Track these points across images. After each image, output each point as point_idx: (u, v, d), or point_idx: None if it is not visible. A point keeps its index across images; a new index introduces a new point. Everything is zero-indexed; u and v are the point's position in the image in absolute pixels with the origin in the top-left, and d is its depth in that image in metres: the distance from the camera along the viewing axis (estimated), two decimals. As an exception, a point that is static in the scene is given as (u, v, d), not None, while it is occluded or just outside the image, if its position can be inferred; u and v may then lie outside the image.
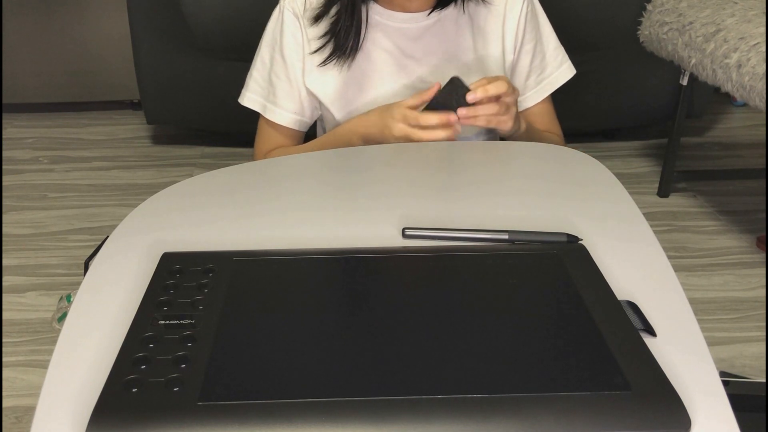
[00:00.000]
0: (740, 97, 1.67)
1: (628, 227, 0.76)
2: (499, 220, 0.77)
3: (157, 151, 2.52)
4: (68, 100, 2.79)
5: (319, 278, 0.64)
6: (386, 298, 0.62)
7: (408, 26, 1.09)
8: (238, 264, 0.65)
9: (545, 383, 0.50)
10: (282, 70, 1.12)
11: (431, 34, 1.09)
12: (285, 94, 1.14)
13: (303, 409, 0.48)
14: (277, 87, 1.14)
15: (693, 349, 0.57)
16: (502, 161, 0.93)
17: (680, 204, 2.16)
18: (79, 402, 0.51)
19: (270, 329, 0.57)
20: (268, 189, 0.85)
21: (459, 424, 0.47)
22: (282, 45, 1.11)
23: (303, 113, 1.16)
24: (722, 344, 1.57)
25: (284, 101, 1.15)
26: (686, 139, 2.44)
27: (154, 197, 0.83)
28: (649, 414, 0.48)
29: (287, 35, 1.10)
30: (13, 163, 2.44)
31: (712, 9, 1.80)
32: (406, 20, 1.08)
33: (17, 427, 1.37)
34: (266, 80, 1.15)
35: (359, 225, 0.77)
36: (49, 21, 2.64)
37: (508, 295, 0.62)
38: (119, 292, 0.64)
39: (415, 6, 1.07)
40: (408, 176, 0.88)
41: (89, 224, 2.07)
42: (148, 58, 2.30)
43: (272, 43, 1.13)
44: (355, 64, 1.09)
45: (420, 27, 1.09)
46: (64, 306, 1.63)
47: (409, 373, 0.51)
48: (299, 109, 1.16)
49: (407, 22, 1.08)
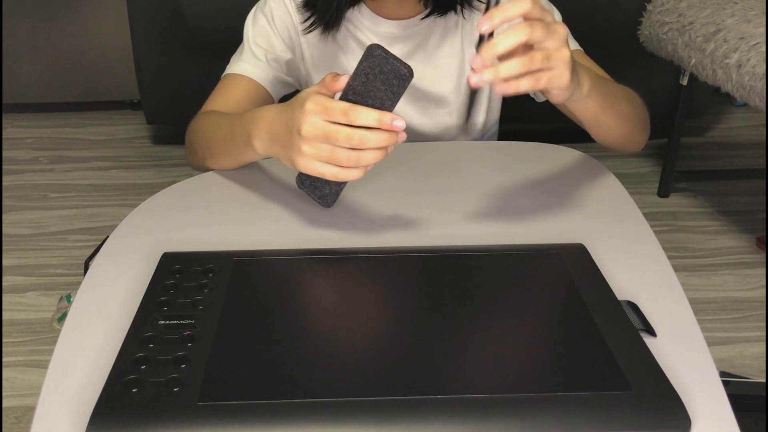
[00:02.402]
0: (740, 97, 1.67)
1: (628, 227, 0.76)
2: (499, 221, 0.77)
3: (157, 151, 2.52)
4: (68, 100, 2.79)
5: (319, 278, 0.64)
6: (386, 298, 0.62)
7: (395, 32, 1.01)
8: (238, 264, 0.65)
9: (545, 383, 0.50)
10: (263, 41, 1.01)
11: (417, 40, 1.02)
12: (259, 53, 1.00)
13: (303, 409, 0.48)
14: (254, 49, 1.00)
15: (693, 349, 0.57)
16: (502, 162, 0.93)
17: (680, 204, 2.16)
18: (79, 402, 0.51)
19: (270, 329, 0.56)
20: (269, 189, 0.85)
21: (459, 424, 0.47)
22: (272, 18, 1.01)
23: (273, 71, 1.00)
24: (722, 344, 1.57)
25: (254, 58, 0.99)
26: (686, 139, 2.44)
27: (154, 197, 0.83)
28: (649, 414, 0.48)
29: (276, 11, 1.01)
30: (13, 163, 2.44)
31: (712, 9, 1.80)
32: (394, 27, 1.01)
33: (17, 427, 1.37)
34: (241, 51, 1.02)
35: (359, 225, 0.77)
36: (49, 21, 2.63)
37: (508, 295, 0.62)
38: (119, 292, 0.64)
39: (405, 12, 1.00)
40: (407, 176, 0.87)
41: (89, 224, 2.07)
42: (148, 58, 2.30)
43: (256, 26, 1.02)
44: (335, 60, 1.04)
45: (408, 33, 1.01)
46: (64, 306, 1.64)
47: (409, 374, 0.51)
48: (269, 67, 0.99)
49: (395, 28, 1.01)
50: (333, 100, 0.67)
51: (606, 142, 0.91)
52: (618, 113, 0.85)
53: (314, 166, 0.69)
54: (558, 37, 0.65)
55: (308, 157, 0.68)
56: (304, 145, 0.68)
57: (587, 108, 0.79)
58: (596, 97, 0.78)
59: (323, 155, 0.68)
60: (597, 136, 0.90)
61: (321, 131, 0.66)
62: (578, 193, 0.84)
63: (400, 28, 1.00)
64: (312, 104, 0.67)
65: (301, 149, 0.68)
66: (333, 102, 0.67)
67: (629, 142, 0.92)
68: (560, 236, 0.72)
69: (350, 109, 0.65)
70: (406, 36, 1.01)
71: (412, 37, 1.01)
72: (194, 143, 0.92)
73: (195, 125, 0.95)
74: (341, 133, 0.66)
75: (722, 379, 0.53)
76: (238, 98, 0.97)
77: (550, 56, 0.65)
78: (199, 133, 0.92)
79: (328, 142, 0.67)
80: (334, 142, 0.66)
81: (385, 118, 0.65)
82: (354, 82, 0.66)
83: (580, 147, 0.96)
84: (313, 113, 0.67)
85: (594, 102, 0.78)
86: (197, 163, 0.93)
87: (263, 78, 0.99)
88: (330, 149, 0.67)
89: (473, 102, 1.04)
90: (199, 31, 2.17)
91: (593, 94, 0.77)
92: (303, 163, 0.69)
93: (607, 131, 0.88)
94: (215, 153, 0.88)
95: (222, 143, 0.86)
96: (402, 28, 1.00)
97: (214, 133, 0.89)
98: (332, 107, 0.66)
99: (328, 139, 0.66)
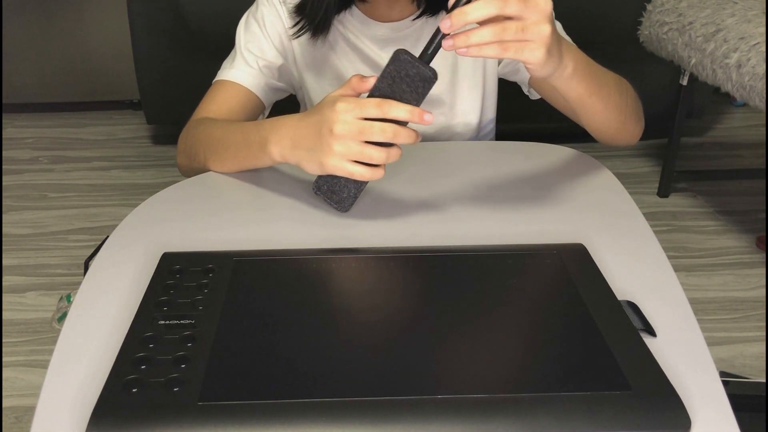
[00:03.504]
0: (740, 97, 1.67)
1: (628, 227, 0.76)
2: (499, 221, 0.77)
3: (157, 151, 2.52)
4: (68, 100, 2.79)
5: (319, 278, 0.64)
6: (386, 298, 0.62)
7: (387, 34, 1.00)
8: (238, 264, 0.65)
9: (545, 383, 0.50)
10: (255, 47, 1.00)
11: (409, 41, 1.00)
12: (251, 59, 0.99)
13: (302, 409, 0.48)
14: (246, 56, 1.00)
15: (693, 349, 0.57)
16: (502, 162, 0.93)
17: (680, 204, 2.16)
18: (79, 402, 0.51)
19: (270, 329, 0.57)
20: (269, 189, 0.85)
21: (459, 424, 0.47)
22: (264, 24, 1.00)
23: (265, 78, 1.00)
24: (722, 344, 1.57)
25: (246, 65, 0.99)
26: (686, 139, 2.44)
27: (154, 197, 0.83)
28: (649, 414, 0.48)
29: (267, 17, 1.00)
30: (13, 163, 2.44)
31: (712, 9, 1.80)
32: (385, 30, 1.00)
33: (17, 427, 1.37)
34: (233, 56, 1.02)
35: (359, 225, 0.77)
36: (49, 21, 2.64)
37: (508, 295, 0.62)
38: (119, 292, 0.64)
39: (396, 14, 0.99)
40: (407, 177, 0.87)
41: (89, 224, 2.07)
42: (148, 58, 2.30)
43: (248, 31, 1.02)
44: (327, 63, 1.03)
45: (400, 35, 1.00)
46: (64, 306, 1.63)
47: (409, 373, 0.51)
48: (261, 74, 0.99)
49: (387, 30, 1.00)
50: (363, 98, 0.70)
51: (597, 131, 0.90)
52: (606, 100, 0.84)
53: (344, 165, 0.71)
54: (538, 12, 0.65)
55: (339, 156, 0.71)
56: (335, 144, 0.70)
57: (572, 89, 0.78)
58: (582, 79, 0.77)
59: (354, 153, 0.70)
60: (586, 123, 0.89)
61: (355, 128, 0.69)
62: (578, 193, 0.84)
63: (392, 30, 1.00)
64: (344, 103, 0.69)
65: (333, 148, 0.70)
66: (364, 99, 0.70)
67: (621, 132, 0.90)
68: (560, 236, 0.72)
69: (383, 102, 0.69)
70: (398, 38, 1.01)
71: (404, 39, 1.01)
72: (194, 147, 0.92)
73: (195, 131, 0.94)
74: (375, 127, 0.69)
75: (722, 379, 0.53)
76: (231, 106, 0.98)
77: (527, 29, 0.65)
78: (202, 137, 0.91)
79: (362, 137, 0.69)
80: (368, 136, 0.69)
81: (416, 111, 0.69)
82: (381, 84, 0.69)
83: (580, 147, 0.96)
84: (345, 111, 0.69)
85: (579, 84, 0.77)
86: (196, 166, 0.92)
87: (255, 86, 0.99)
88: (361, 147, 0.70)
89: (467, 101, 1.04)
90: (200, 32, 2.17)
91: (578, 76, 0.76)
92: (333, 163, 0.71)
93: (596, 118, 0.86)
94: (224, 157, 0.88)
95: (233, 148, 0.87)
96: (394, 30, 1.00)
97: (223, 138, 0.89)
98: (365, 102, 0.69)
99: (362, 134, 0.69)
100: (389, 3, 0.98)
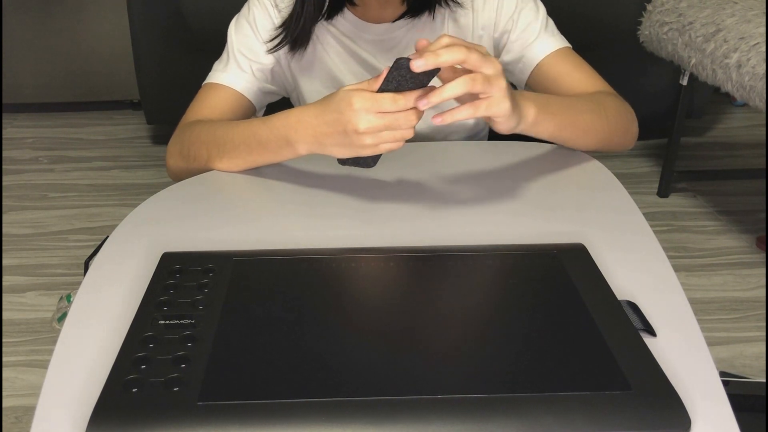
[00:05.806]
0: (740, 97, 1.67)
1: (628, 227, 0.76)
2: (499, 221, 0.77)
3: (157, 151, 2.52)
4: (68, 100, 2.79)
5: (318, 278, 0.64)
6: (386, 297, 0.62)
7: (380, 36, 1.01)
8: (238, 264, 0.65)
9: (545, 383, 0.50)
10: (248, 50, 1.00)
11: (403, 42, 1.01)
12: (244, 63, 0.99)
13: (302, 409, 0.48)
14: (239, 59, 1.00)
15: (693, 349, 0.57)
16: (502, 161, 0.93)
17: (680, 204, 2.16)
18: (79, 402, 0.51)
19: (269, 329, 0.57)
20: (269, 189, 0.85)
21: (459, 424, 0.47)
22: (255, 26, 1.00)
23: (258, 82, 1.00)
24: (722, 344, 1.57)
25: (239, 69, 0.99)
26: (686, 139, 2.44)
27: (154, 197, 0.83)
28: (649, 414, 0.48)
29: (259, 19, 1.00)
30: (13, 163, 2.44)
31: (712, 9, 1.80)
32: (379, 31, 1.00)
33: (17, 427, 1.37)
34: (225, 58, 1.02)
35: (359, 225, 0.77)
36: (48, 21, 2.63)
37: (508, 295, 0.62)
38: (119, 292, 0.64)
39: (388, 15, 0.99)
40: (407, 177, 0.87)
41: (89, 224, 2.07)
42: (148, 58, 2.30)
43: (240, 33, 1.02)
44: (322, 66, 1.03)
45: (393, 36, 1.01)
46: (64, 306, 1.64)
47: (409, 373, 0.51)
48: (254, 78, 1.00)
49: (380, 31, 1.00)
50: (377, 93, 0.72)
51: (585, 149, 0.94)
52: (583, 127, 0.88)
53: (380, 148, 0.75)
54: (494, 66, 0.70)
55: (372, 146, 0.74)
56: (366, 138, 0.73)
57: (542, 131, 0.83)
58: (547, 119, 0.81)
59: (386, 138, 0.73)
60: (571, 147, 0.93)
61: (381, 123, 0.72)
62: (578, 193, 0.84)
63: (385, 31, 1.00)
64: (360, 100, 0.71)
65: (365, 143, 0.74)
66: (378, 94, 0.71)
67: (609, 145, 0.94)
68: (560, 236, 0.72)
69: (397, 96, 0.71)
70: (391, 39, 1.01)
71: (397, 40, 1.01)
72: (194, 148, 0.92)
73: (194, 132, 0.93)
74: (400, 119, 0.72)
75: (722, 379, 0.53)
76: (223, 110, 0.98)
77: (490, 81, 0.70)
78: (204, 138, 0.91)
79: (389, 129, 0.73)
80: (396, 128, 0.73)
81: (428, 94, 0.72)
82: (387, 87, 0.71)
83: (580, 147, 0.96)
84: (363, 110, 0.71)
85: (547, 125, 0.82)
86: (195, 167, 0.92)
87: (247, 90, 1.00)
88: (392, 133, 0.73)
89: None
90: (200, 32, 2.17)
91: (543, 119, 0.80)
92: (369, 152, 0.75)
93: (578, 143, 0.92)
94: (233, 155, 0.88)
95: (243, 147, 0.87)
96: (387, 31, 1.00)
97: (230, 137, 0.88)
98: (380, 97, 0.71)
99: (389, 128, 0.72)
100: (381, 5, 0.98)
